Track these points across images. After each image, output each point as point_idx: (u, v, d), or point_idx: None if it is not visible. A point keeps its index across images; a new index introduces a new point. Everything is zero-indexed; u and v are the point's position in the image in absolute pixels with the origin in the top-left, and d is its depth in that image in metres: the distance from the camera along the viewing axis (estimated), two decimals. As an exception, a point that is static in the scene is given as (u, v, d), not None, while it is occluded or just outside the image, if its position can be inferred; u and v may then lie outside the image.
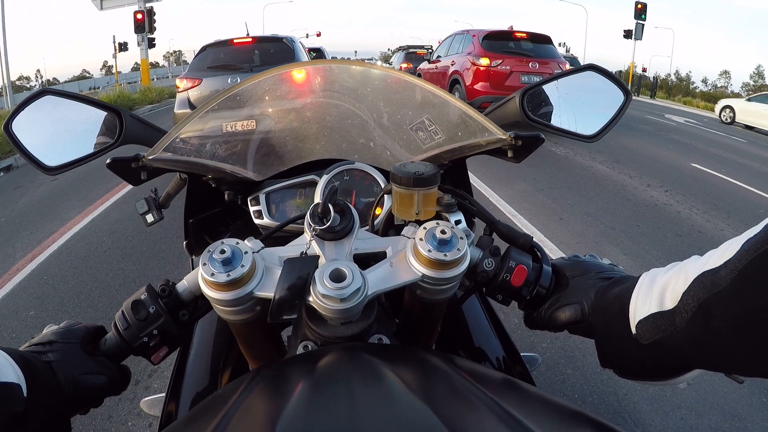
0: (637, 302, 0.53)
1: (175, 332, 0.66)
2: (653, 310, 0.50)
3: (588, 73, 0.94)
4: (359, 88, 1.01)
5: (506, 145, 0.83)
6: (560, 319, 0.65)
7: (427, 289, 0.62)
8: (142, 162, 0.82)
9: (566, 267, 0.69)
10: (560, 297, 0.66)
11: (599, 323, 0.60)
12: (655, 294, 0.51)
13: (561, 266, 0.69)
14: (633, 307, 0.54)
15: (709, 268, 0.45)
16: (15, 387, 0.49)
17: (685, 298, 0.46)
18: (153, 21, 17.49)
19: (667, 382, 0.55)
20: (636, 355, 0.54)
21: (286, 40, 7.09)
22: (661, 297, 0.50)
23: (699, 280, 0.45)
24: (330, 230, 0.63)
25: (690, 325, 0.46)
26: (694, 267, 0.47)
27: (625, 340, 0.54)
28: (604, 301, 0.60)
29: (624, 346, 0.55)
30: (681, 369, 0.53)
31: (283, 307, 0.55)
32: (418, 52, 20.98)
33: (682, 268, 0.49)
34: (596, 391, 2.39)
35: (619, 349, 0.57)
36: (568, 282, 0.67)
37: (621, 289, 0.58)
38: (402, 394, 0.42)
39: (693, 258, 0.49)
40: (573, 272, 0.67)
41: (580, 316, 0.63)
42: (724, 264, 0.43)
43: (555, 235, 4.35)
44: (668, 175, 7.04)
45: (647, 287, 0.53)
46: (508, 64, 8.98)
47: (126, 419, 2.20)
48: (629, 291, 0.55)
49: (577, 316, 0.63)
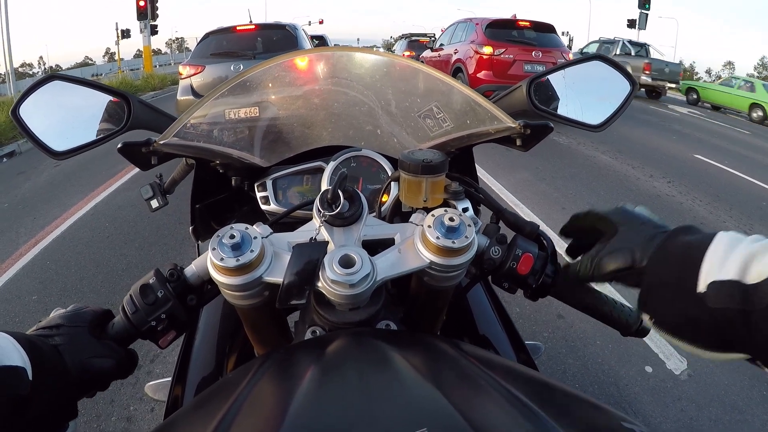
0: (714, 260, 0.49)
1: (183, 317, 0.66)
2: (732, 277, 0.46)
3: (595, 62, 0.94)
4: (367, 76, 1.01)
5: (515, 133, 0.83)
6: (608, 266, 0.60)
7: (435, 276, 0.63)
8: (153, 147, 0.82)
9: (614, 215, 0.65)
10: (609, 243, 0.62)
11: (656, 269, 0.55)
12: (736, 260, 0.47)
13: (607, 214, 0.66)
14: (708, 264, 0.49)
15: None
16: (20, 370, 0.49)
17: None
18: (155, 8, 17.43)
19: (705, 353, 0.51)
20: (691, 314, 0.50)
21: (289, 27, 7.05)
22: (745, 266, 0.46)
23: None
24: (339, 216, 0.63)
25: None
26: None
27: (685, 294, 0.50)
28: (668, 246, 0.55)
29: (680, 300, 0.51)
30: (728, 347, 0.49)
31: (291, 292, 0.55)
32: (421, 40, 20.84)
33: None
34: (597, 381, 2.41)
35: (673, 301, 0.52)
36: (616, 229, 0.63)
37: (693, 240, 0.53)
38: (412, 378, 0.42)
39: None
40: (621, 220, 0.64)
41: (630, 262, 0.58)
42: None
43: (557, 225, 4.25)
44: (671, 166, 7.02)
45: (727, 248, 0.49)
46: (511, 53, 8.92)
47: (128, 403, 2.22)
48: (704, 245, 0.51)
49: (627, 261, 0.58)
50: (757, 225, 4.98)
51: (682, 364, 2.51)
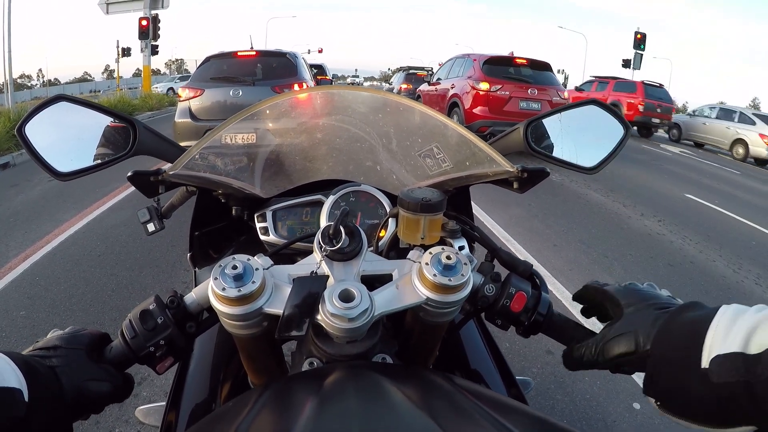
0: (716, 335, 0.49)
1: (182, 343, 0.66)
2: (735, 349, 0.46)
3: (590, 107, 0.97)
4: (371, 114, 1.04)
5: (513, 177, 0.85)
6: (612, 352, 0.60)
7: (430, 312, 0.64)
8: (162, 177, 0.84)
9: (621, 295, 0.65)
10: (613, 328, 0.62)
11: (660, 350, 0.55)
12: (739, 332, 0.47)
13: (615, 294, 0.67)
14: (710, 338, 0.49)
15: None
16: (16, 392, 0.49)
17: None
18: (157, 28, 17.56)
19: (712, 429, 0.50)
20: (696, 392, 0.49)
21: (289, 55, 7.13)
22: (747, 338, 0.46)
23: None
24: (340, 251, 0.65)
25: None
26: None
27: (689, 372, 0.50)
28: (672, 326, 0.55)
29: (685, 379, 0.51)
30: (734, 421, 0.48)
31: (291, 324, 0.57)
32: (419, 73, 21.03)
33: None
34: (585, 417, 2.40)
35: (678, 380, 0.52)
36: (622, 312, 0.63)
37: (696, 316, 0.53)
38: (409, 411, 0.44)
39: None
40: (628, 301, 0.63)
41: (633, 347, 0.58)
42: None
43: (548, 261, 4.38)
44: (662, 205, 7.11)
45: (729, 322, 0.49)
46: (507, 90, 9.07)
47: (113, 426, 2.18)
48: (707, 320, 0.51)
49: (631, 347, 0.58)
50: (746, 264, 5.02)
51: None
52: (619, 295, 0.65)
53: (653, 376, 0.55)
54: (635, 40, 22.55)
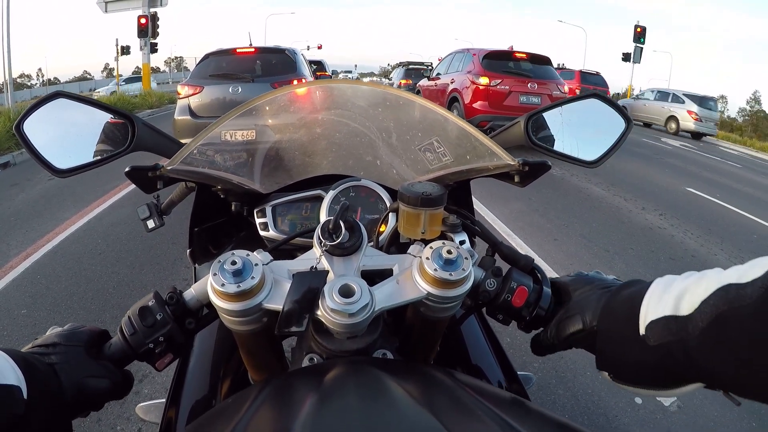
0: (650, 303, 0.53)
1: (181, 340, 0.66)
2: (667, 313, 0.50)
3: (591, 100, 0.96)
4: (370, 108, 1.03)
5: (514, 170, 0.84)
6: (564, 332, 0.65)
7: (431, 307, 0.64)
8: (160, 172, 0.84)
9: (569, 282, 0.70)
10: (564, 311, 0.67)
11: (605, 325, 0.59)
12: (670, 298, 0.51)
13: (564, 283, 0.70)
14: (645, 308, 0.53)
15: (734, 282, 0.45)
16: (15, 389, 0.49)
17: (703, 306, 0.46)
18: (156, 26, 17.51)
19: (662, 391, 0.55)
20: (639, 358, 0.53)
21: (288, 51, 7.10)
22: (678, 301, 0.50)
23: (722, 291, 0.45)
24: (339, 246, 0.65)
25: (702, 335, 0.46)
26: (717, 278, 0.47)
27: (630, 341, 0.54)
28: (613, 302, 0.60)
29: (628, 348, 0.55)
30: (681, 380, 0.52)
31: (291, 320, 0.56)
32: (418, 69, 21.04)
33: (702, 277, 0.49)
34: (587, 412, 2.40)
35: (622, 350, 0.56)
36: (570, 296, 0.68)
37: (633, 291, 0.58)
38: (410, 406, 0.43)
39: (716, 270, 0.49)
40: (575, 287, 0.68)
41: (581, 326, 0.63)
42: (752, 282, 0.43)
43: (549, 256, 4.37)
44: (663, 199, 7.09)
45: (662, 290, 0.53)
46: (507, 84, 9.04)
47: (115, 423, 2.18)
48: (642, 292, 0.55)
49: (579, 325, 0.63)
50: (748, 257, 4.87)
51: (671, 397, 2.50)
52: (569, 283, 0.70)
53: (602, 351, 0.60)
54: (635, 34, 22.52)
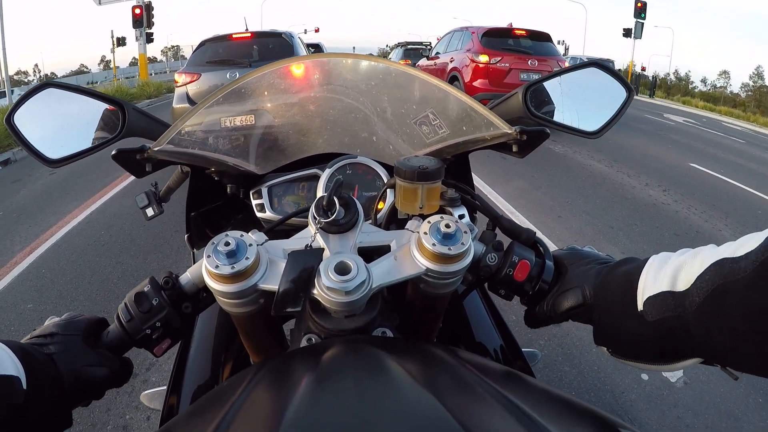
0: (647, 279, 0.54)
1: (179, 324, 0.66)
2: (664, 289, 0.51)
3: (591, 69, 0.94)
4: (363, 83, 1.01)
5: (512, 139, 0.82)
6: (562, 306, 0.65)
7: (431, 283, 0.62)
8: (147, 154, 0.81)
9: (564, 256, 0.70)
10: (560, 285, 0.66)
11: (602, 300, 0.60)
12: (667, 274, 0.51)
13: (559, 256, 0.70)
14: (642, 284, 0.54)
15: (728, 256, 0.45)
16: (14, 380, 0.49)
17: (699, 281, 0.47)
18: (151, 16, 17.47)
19: (661, 366, 0.56)
20: (637, 333, 0.54)
21: (285, 35, 7.07)
22: (674, 277, 0.50)
23: (717, 266, 0.46)
24: (335, 223, 0.63)
25: (699, 310, 0.47)
26: (712, 253, 0.48)
27: (628, 316, 0.55)
28: (610, 278, 0.60)
29: (626, 323, 0.56)
30: (679, 355, 0.53)
31: (287, 300, 0.55)
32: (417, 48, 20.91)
33: (698, 253, 0.50)
34: (593, 388, 2.40)
35: (620, 325, 0.57)
36: (567, 270, 0.67)
37: (629, 267, 0.58)
38: (409, 386, 0.42)
39: (710, 246, 0.50)
40: (571, 261, 0.68)
41: (581, 300, 0.63)
42: (745, 255, 0.44)
43: (553, 233, 4.37)
44: (667, 175, 7.05)
45: (658, 266, 0.54)
46: (507, 62, 8.94)
47: (124, 412, 2.20)
48: (638, 269, 0.56)
49: (578, 299, 0.63)
50: (752, 233, 4.97)
51: (678, 371, 2.49)
52: (563, 257, 0.70)
53: (600, 326, 0.60)
54: (636, 9, 22.31)
